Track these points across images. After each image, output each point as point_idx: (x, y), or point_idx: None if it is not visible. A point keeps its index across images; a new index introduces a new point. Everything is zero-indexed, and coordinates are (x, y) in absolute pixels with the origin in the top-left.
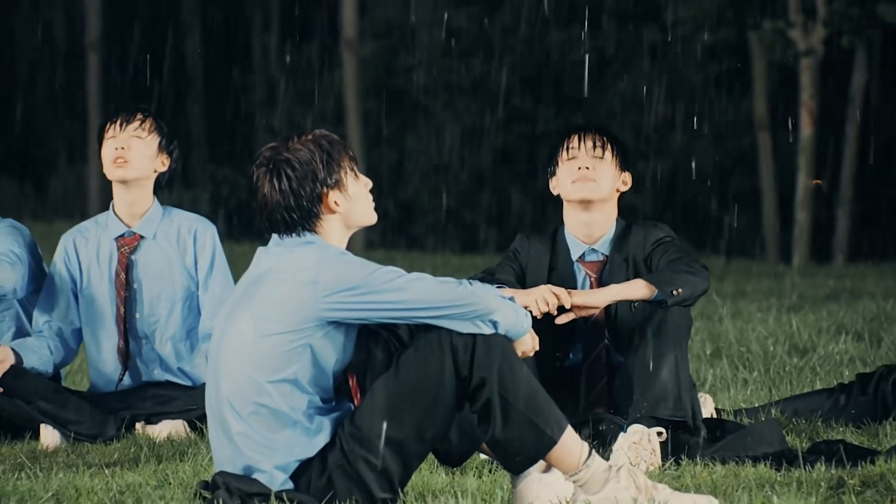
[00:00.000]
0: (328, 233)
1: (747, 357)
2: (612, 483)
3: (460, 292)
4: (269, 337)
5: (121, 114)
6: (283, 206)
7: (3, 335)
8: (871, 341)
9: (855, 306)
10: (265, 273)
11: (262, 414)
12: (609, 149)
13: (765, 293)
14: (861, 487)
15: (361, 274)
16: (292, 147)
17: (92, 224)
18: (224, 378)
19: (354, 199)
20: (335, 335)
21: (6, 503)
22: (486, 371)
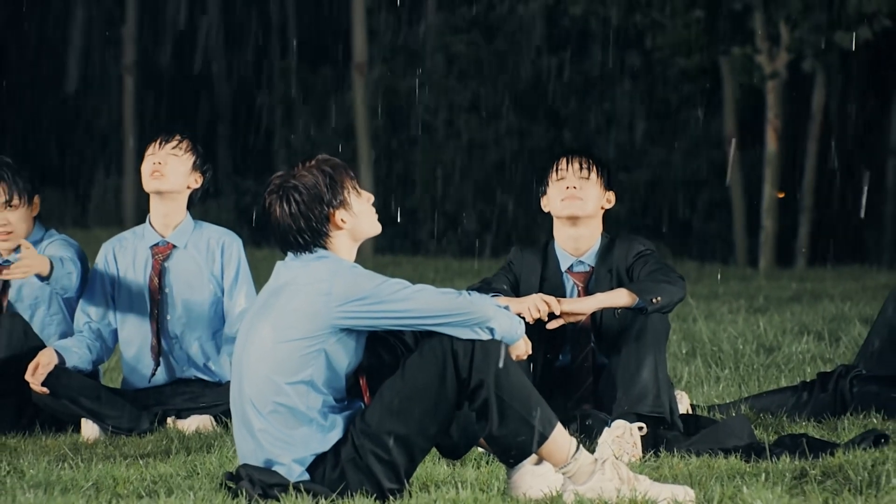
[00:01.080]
0: (338, 247)
1: (719, 356)
2: (598, 475)
3: (460, 302)
4: (288, 343)
5: (161, 134)
6: (295, 229)
7: (51, 336)
8: (830, 340)
9: (815, 307)
10: (284, 285)
11: (281, 412)
12: (594, 170)
13: (734, 295)
14: (822, 477)
15: (370, 285)
16: (298, 174)
17: (130, 234)
18: (247, 380)
19: (359, 214)
20: (347, 341)
21: (51, 492)
22: (484, 373)
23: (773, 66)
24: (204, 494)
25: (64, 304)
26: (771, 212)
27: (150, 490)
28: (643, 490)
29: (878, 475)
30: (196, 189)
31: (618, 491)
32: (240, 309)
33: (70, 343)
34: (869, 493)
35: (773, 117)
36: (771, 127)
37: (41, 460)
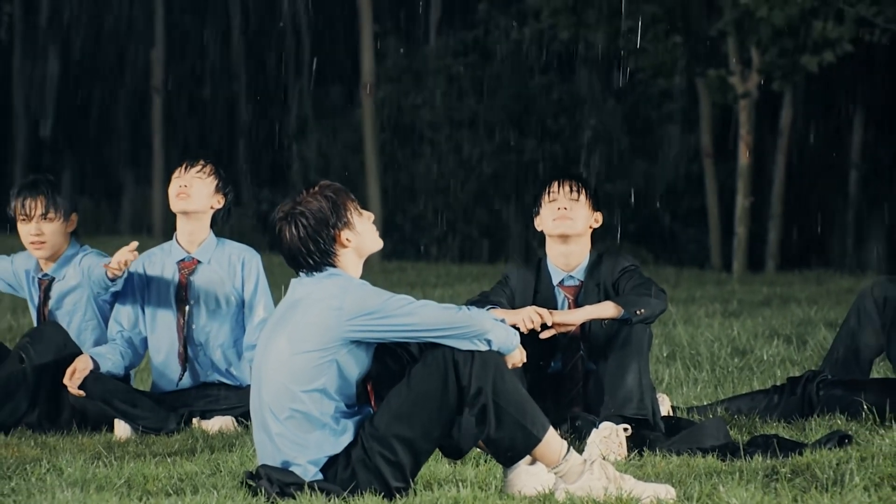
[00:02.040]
0: (345, 264)
1: (697, 359)
2: (587, 475)
3: (460, 316)
4: (303, 354)
5: (186, 159)
6: (304, 252)
7: (87, 342)
8: (797, 344)
9: (784, 311)
10: (298, 301)
11: (297, 418)
12: (583, 192)
13: (710, 299)
14: (791, 475)
15: (378, 301)
16: (303, 200)
17: (158, 250)
18: (265, 388)
19: (362, 233)
20: (357, 352)
21: (87, 488)
22: (482, 381)
23: (745, 86)
24: (227, 493)
25: (98, 313)
26: (743, 219)
27: (177, 488)
28: (628, 488)
29: (842, 473)
30: (219, 209)
31: (605, 489)
32: (259, 319)
33: (104, 350)
34: (834, 490)
35: (745, 133)
36: (743, 142)
37: (78, 458)
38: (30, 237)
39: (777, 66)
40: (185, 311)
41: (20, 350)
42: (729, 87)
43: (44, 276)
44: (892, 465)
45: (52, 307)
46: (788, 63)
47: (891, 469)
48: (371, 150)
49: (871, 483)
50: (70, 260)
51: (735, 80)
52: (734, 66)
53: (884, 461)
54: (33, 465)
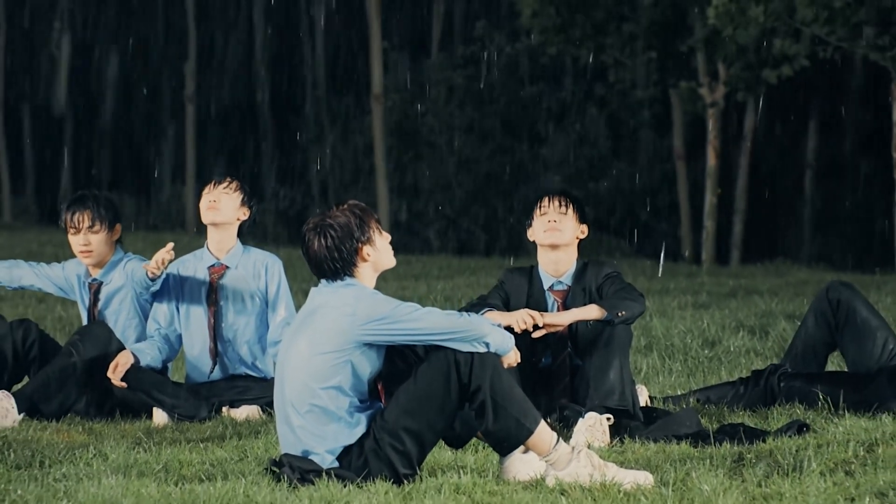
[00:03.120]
0: (362, 276)
1: (671, 350)
2: (574, 462)
3: (461, 322)
4: (321, 355)
5: (215, 178)
6: (329, 259)
7: (130, 338)
8: (760, 335)
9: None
10: (317, 307)
11: (316, 412)
12: (571, 207)
13: (682, 291)
14: (756, 460)
15: (388, 308)
16: (333, 215)
17: (191, 257)
18: (288, 385)
19: (380, 250)
20: (369, 353)
21: (129, 473)
22: (481, 380)
23: (713, 96)
24: (253, 479)
25: (139, 312)
26: (711, 214)
27: (208, 473)
28: (611, 475)
29: (801, 460)
30: (244, 220)
31: (590, 476)
32: (280, 317)
33: (143, 346)
34: (794, 475)
35: (712, 138)
36: (711, 146)
37: (121, 444)
38: (79, 247)
39: (741, 79)
40: (214, 311)
41: (71, 346)
42: (698, 97)
43: (93, 281)
44: (845, 451)
45: (100, 308)
46: (751, 76)
47: (843, 455)
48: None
49: (827, 468)
50: (115, 265)
51: (704, 91)
52: (703, 78)
53: (837, 448)
54: (81, 451)
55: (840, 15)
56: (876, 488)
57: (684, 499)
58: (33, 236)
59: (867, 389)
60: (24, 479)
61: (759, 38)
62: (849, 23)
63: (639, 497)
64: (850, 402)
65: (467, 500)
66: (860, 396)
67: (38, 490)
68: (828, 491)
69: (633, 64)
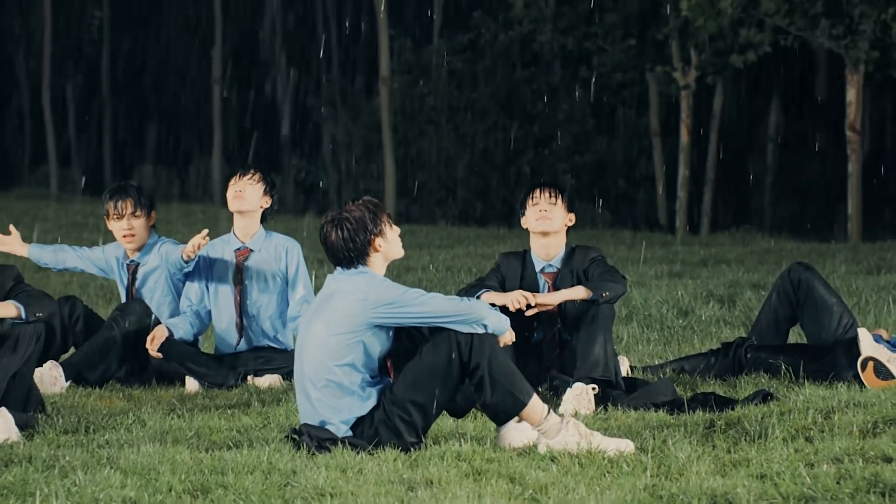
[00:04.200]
0: (374, 265)
1: (649, 320)
2: (563, 432)
3: (462, 306)
4: (336, 336)
5: (240, 170)
6: (345, 249)
7: (164, 314)
8: (728, 305)
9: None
10: (333, 292)
11: (331, 387)
12: (560, 198)
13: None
14: (726, 427)
15: (397, 294)
16: (349, 209)
17: (219, 241)
18: (306, 362)
19: (391, 241)
20: (379, 334)
21: (165, 440)
22: (480, 358)
23: (686, 80)
24: (276, 446)
25: (173, 290)
26: (684, 185)
27: (235, 440)
28: (596, 443)
29: (766, 427)
30: (267, 208)
31: (578, 444)
32: (299, 295)
33: (177, 321)
34: (759, 442)
35: (685, 117)
36: (684, 123)
37: (157, 411)
38: (122, 231)
39: (711, 64)
40: (240, 290)
41: (112, 321)
42: (672, 80)
43: (131, 262)
44: (805, 418)
45: (137, 286)
46: (720, 61)
47: (804, 422)
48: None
49: (789, 435)
50: (151, 248)
51: (677, 75)
52: (677, 63)
53: (798, 415)
54: (122, 417)
55: (799, 8)
56: (833, 454)
57: (662, 465)
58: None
59: (824, 360)
60: (72, 444)
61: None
62: (807, 15)
63: (620, 464)
64: (810, 371)
65: (468, 466)
66: (818, 366)
67: (84, 456)
68: (790, 458)
69: (613, 50)
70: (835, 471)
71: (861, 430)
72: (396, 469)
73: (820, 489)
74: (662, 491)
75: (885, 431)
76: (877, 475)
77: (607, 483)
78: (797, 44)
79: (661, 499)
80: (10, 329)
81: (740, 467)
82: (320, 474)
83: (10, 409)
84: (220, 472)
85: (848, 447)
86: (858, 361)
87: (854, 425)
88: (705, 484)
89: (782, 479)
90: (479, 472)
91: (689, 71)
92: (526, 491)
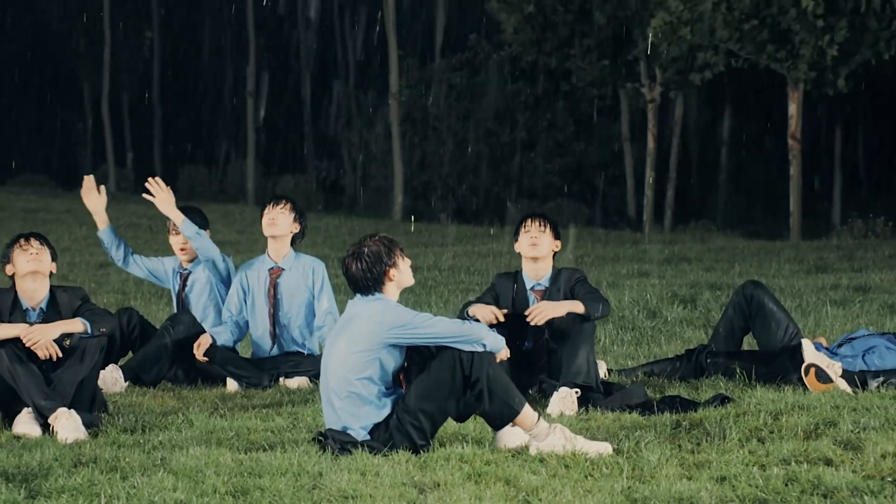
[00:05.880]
0: (389, 292)
1: (622, 322)
2: (552, 436)
3: (464, 328)
4: (356, 353)
5: (272, 200)
6: (363, 279)
7: (208, 322)
8: (690, 305)
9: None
10: (354, 316)
11: (352, 397)
12: (548, 226)
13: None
14: (690, 428)
15: (408, 318)
16: (367, 244)
17: (257, 261)
18: (331, 376)
19: (403, 272)
20: (393, 351)
21: (210, 439)
22: (479, 372)
23: (652, 94)
24: (305, 448)
25: (219, 294)
26: (650, 186)
27: (269, 441)
28: (580, 446)
29: (724, 428)
30: (296, 233)
31: (563, 446)
32: (324, 308)
33: (219, 329)
34: (718, 443)
35: (651, 126)
36: (650, 131)
37: (203, 410)
38: (179, 245)
39: (673, 81)
40: (273, 303)
41: (164, 329)
42: (640, 95)
43: (183, 271)
44: (757, 419)
45: (186, 291)
46: (681, 79)
47: (756, 422)
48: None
49: (744, 436)
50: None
51: (645, 90)
52: (644, 80)
53: (751, 417)
54: (173, 417)
55: (748, 35)
56: (781, 456)
57: (636, 468)
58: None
59: (773, 365)
60: (130, 444)
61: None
62: (755, 41)
63: (600, 466)
64: (760, 374)
65: (469, 468)
66: (768, 370)
67: (142, 457)
68: (745, 460)
69: (590, 69)
70: (784, 473)
71: (805, 431)
72: (408, 471)
73: (771, 491)
74: (637, 494)
75: (826, 433)
76: (819, 477)
77: (589, 486)
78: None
79: (635, 502)
80: (77, 342)
81: (703, 469)
82: (343, 477)
83: (78, 411)
84: (257, 474)
85: (794, 449)
86: (802, 368)
87: (799, 427)
88: (674, 488)
89: (739, 481)
90: (479, 474)
91: (654, 87)
92: (519, 493)
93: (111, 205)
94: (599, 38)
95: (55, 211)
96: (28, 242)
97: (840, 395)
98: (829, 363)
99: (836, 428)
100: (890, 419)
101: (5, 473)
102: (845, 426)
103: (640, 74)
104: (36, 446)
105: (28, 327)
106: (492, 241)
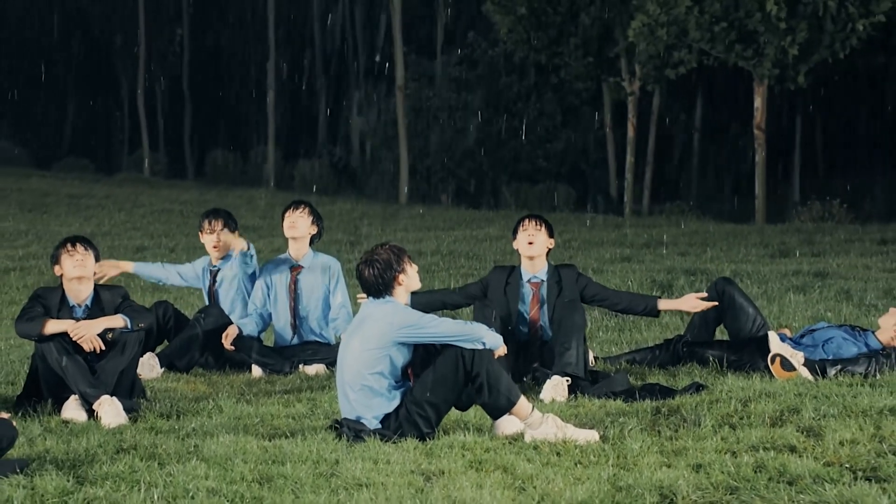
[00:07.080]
0: (398, 295)
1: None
2: (545, 425)
3: (466, 328)
4: (368, 350)
5: (292, 204)
6: (375, 283)
7: (235, 314)
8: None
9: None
10: (367, 316)
11: (365, 390)
12: (543, 226)
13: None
14: (668, 414)
15: (415, 319)
16: (378, 251)
17: (280, 259)
18: (346, 371)
19: (411, 277)
20: (402, 349)
21: (237, 424)
22: (480, 368)
23: (631, 87)
24: (322, 435)
25: (245, 289)
26: (631, 170)
27: (291, 428)
28: (570, 434)
29: (699, 415)
30: (314, 234)
31: (555, 434)
32: (338, 302)
33: (245, 321)
34: (694, 430)
35: (631, 116)
36: (630, 121)
37: (231, 395)
38: (212, 242)
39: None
40: (294, 297)
41: (195, 321)
42: (621, 88)
43: (214, 268)
44: (728, 406)
45: (216, 287)
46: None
47: (727, 409)
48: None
49: (717, 423)
50: (230, 257)
51: (625, 84)
52: (625, 75)
53: (724, 404)
54: (204, 403)
55: (718, 36)
56: (751, 443)
57: (620, 455)
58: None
59: (742, 353)
60: (166, 430)
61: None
62: (724, 41)
63: (587, 452)
64: (731, 362)
65: (471, 455)
66: (737, 358)
67: (177, 444)
68: (718, 447)
69: (576, 64)
70: (753, 461)
71: (771, 418)
72: (416, 459)
73: (741, 479)
74: (622, 482)
75: (790, 420)
76: (784, 465)
77: (579, 473)
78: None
79: (620, 490)
80: (119, 336)
81: (680, 457)
82: (357, 465)
83: (119, 398)
84: (280, 461)
85: (762, 436)
86: (769, 357)
87: (766, 414)
88: (655, 476)
89: (713, 469)
90: (479, 462)
91: (634, 81)
92: (516, 481)
93: (144, 191)
94: (585, 38)
95: (97, 196)
96: (74, 248)
97: (803, 382)
98: (793, 353)
99: (799, 415)
100: (847, 407)
101: (56, 461)
102: (807, 413)
103: (621, 70)
104: (82, 432)
105: (74, 323)
106: (488, 225)
